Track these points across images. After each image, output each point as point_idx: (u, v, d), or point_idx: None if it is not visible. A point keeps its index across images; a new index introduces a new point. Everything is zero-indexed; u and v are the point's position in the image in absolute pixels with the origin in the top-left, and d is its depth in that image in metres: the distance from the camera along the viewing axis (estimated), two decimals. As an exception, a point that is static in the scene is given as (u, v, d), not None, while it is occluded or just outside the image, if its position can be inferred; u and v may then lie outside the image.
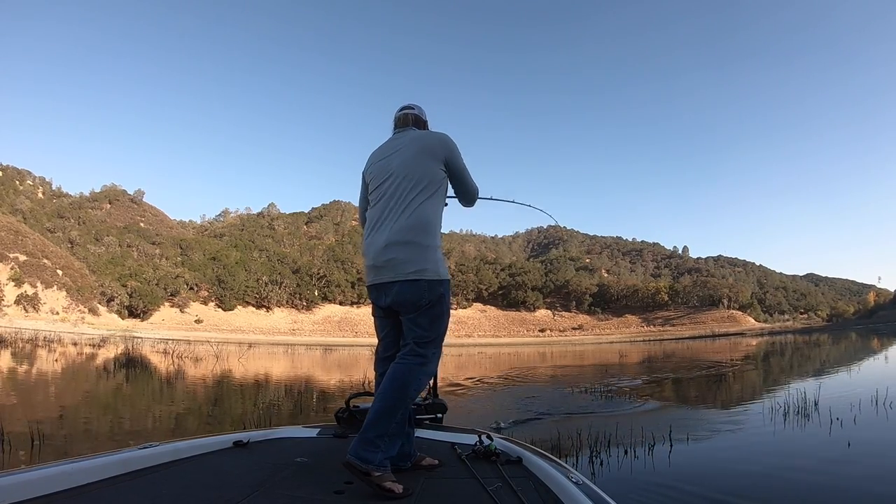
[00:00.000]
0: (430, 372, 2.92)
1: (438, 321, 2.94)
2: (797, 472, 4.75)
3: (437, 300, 2.90)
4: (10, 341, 32.63)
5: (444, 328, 2.98)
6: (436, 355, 2.94)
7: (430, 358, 2.90)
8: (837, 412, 7.56)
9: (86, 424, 7.83)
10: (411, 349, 2.87)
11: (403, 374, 2.80)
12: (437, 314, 2.93)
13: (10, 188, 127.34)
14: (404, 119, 3.34)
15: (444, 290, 2.93)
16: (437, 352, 2.95)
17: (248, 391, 12.69)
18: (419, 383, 2.85)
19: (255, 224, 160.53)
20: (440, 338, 2.97)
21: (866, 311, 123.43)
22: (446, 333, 3.01)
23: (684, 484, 4.47)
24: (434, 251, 2.94)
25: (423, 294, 2.88)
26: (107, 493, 2.38)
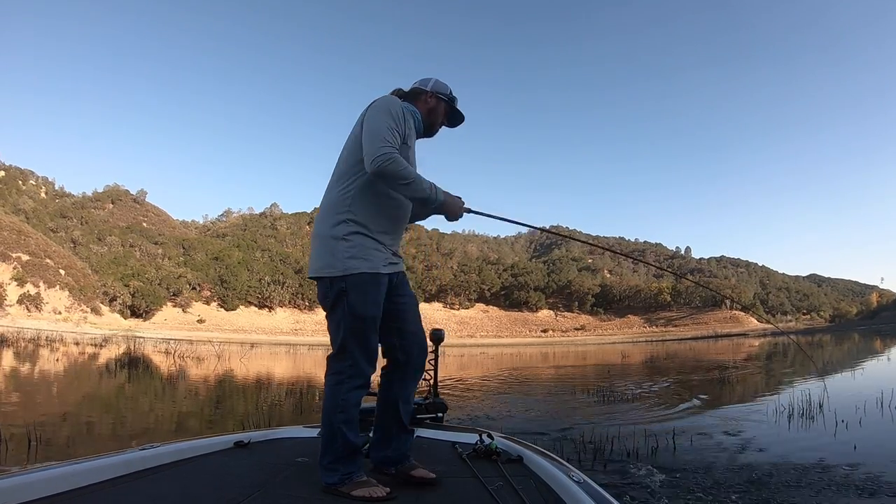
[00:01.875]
0: (347, 392, 2.58)
1: (337, 326, 2.58)
2: (802, 476, 4.71)
3: (335, 300, 2.57)
4: (13, 341, 32.68)
5: (349, 334, 2.55)
6: (352, 369, 2.56)
7: (343, 373, 2.56)
8: (842, 414, 7.52)
9: (87, 426, 7.81)
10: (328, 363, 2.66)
11: (325, 396, 2.63)
12: (337, 318, 2.58)
13: (13, 188, 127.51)
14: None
15: (348, 286, 2.54)
16: (354, 364, 2.56)
17: (250, 391, 12.68)
18: (339, 404, 2.57)
19: (257, 224, 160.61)
20: (348, 347, 2.56)
21: (869, 311, 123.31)
22: (365, 342, 2.59)
23: (689, 486, 4.44)
24: (336, 242, 2.59)
25: (327, 293, 2.62)
26: (108, 494, 2.38)
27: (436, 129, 3.09)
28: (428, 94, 3.04)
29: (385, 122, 2.63)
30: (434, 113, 3.04)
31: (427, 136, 3.10)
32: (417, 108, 2.98)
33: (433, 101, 3.03)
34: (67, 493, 2.30)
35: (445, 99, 3.05)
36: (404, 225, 2.94)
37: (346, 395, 2.58)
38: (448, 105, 3.07)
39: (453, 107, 3.10)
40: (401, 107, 2.76)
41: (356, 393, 2.61)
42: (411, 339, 2.82)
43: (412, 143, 2.88)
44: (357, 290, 2.56)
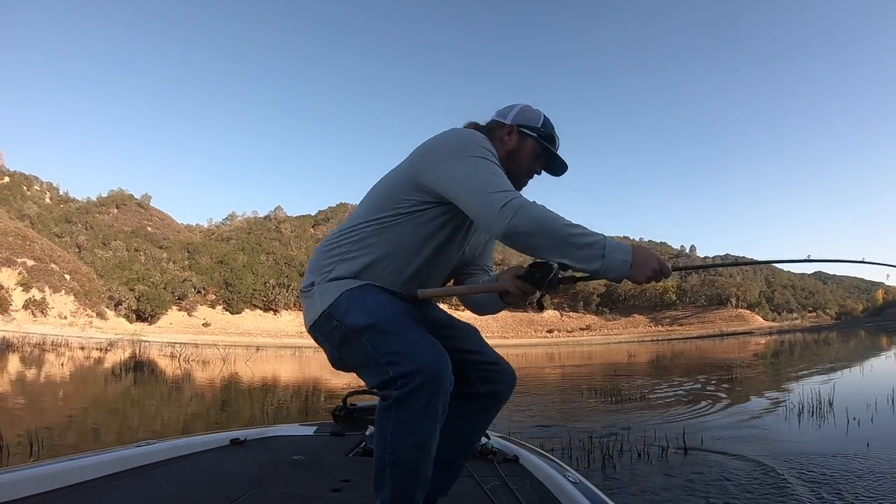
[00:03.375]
0: (403, 419, 1.68)
1: (360, 356, 1.85)
2: (815, 475, 4.65)
3: (335, 331, 1.91)
4: (18, 346, 32.73)
5: (375, 351, 1.77)
6: (405, 384, 1.66)
7: (392, 399, 1.68)
8: (853, 412, 7.45)
9: (93, 429, 7.77)
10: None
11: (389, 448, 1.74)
12: (352, 348, 1.87)
13: (18, 194, 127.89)
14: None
15: (342, 307, 1.89)
16: (404, 376, 1.66)
17: (256, 394, 12.65)
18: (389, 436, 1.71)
19: (262, 227, 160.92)
20: (381, 362, 1.74)
21: (875, 308, 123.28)
22: (400, 340, 1.74)
23: (698, 486, 4.38)
24: (323, 286, 2.02)
25: (329, 335, 2.00)
26: (105, 490, 2.39)
27: (522, 178, 2.18)
28: (507, 130, 2.16)
29: (482, 164, 1.88)
30: (518, 156, 2.14)
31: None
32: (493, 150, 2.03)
33: (515, 140, 2.14)
34: (64, 489, 2.30)
35: (534, 136, 2.14)
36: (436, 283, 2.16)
37: (393, 430, 1.71)
38: (539, 143, 2.15)
39: (547, 146, 2.17)
40: (487, 141, 1.99)
41: (428, 423, 1.70)
42: (493, 367, 2.09)
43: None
44: (353, 303, 1.87)
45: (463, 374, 1.92)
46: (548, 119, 2.19)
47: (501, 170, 1.90)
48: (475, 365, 2.06)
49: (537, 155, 2.16)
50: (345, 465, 3.06)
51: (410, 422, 1.66)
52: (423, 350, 1.70)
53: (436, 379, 1.66)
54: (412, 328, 1.81)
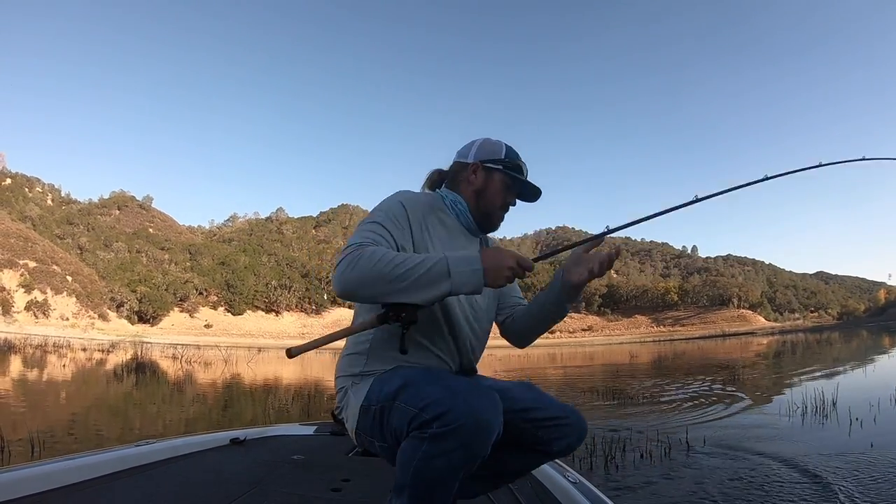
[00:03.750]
0: (433, 454, 1.51)
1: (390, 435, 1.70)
2: (817, 474, 4.63)
3: (367, 416, 1.76)
4: (20, 347, 32.77)
5: (400, 417, 1.61)
6: (435, 431, 1.51)
7: (427, 435, 1.52)
8: (856, 412, 7.43)
9: (94, 431, 7.76)
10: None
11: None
12: (382, 429, 1.73)
13: (20, 195, 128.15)
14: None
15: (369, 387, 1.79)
16: (432, 428, 1.52)
17: (258, 395, 12.63)
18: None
19: (263, 228, 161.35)
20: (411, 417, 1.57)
21: (877, 308, 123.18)
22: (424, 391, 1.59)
23: (703, 486, 4.37)
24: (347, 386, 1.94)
25: (371, 428, 1.81)
26: (104, 489, 2.38)
27: (496, 215, 2.10)
28: (471, 169, 2.07)
29: (361, 226, 1.81)
30: (487, 193, 2.06)
31: (486, 229, 2.13)
32: (460, 195, 2.07)
33: (482, 177, 2.06)
34: (63, 489, 2.30)
35: (500, 168, 2.06)
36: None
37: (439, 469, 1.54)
38: (506, 174, 2.07)
39: (516, 176, 2.08)
40: (401, 201, 1.89)
41: (456, 465, 1.53)
42: (560, 421, 1.92)
43: (443, 246, 1.93)
44: (385, 379, 1.76)
45: (533, 435, 1.88)
46: (510, 148, 2.12)
47: (379, 225, 1.78)
48: (541, 423, 1.89)
49: (507, 187, 2.08)
50: (345, 464, 3.06)
51: (439, 460, 1.52)
52: (463, 394, 1.54)
53: (477, 425, 1.50)
54: (449, 376, 1.70)
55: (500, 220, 2.11)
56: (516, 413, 1.85)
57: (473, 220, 2.06)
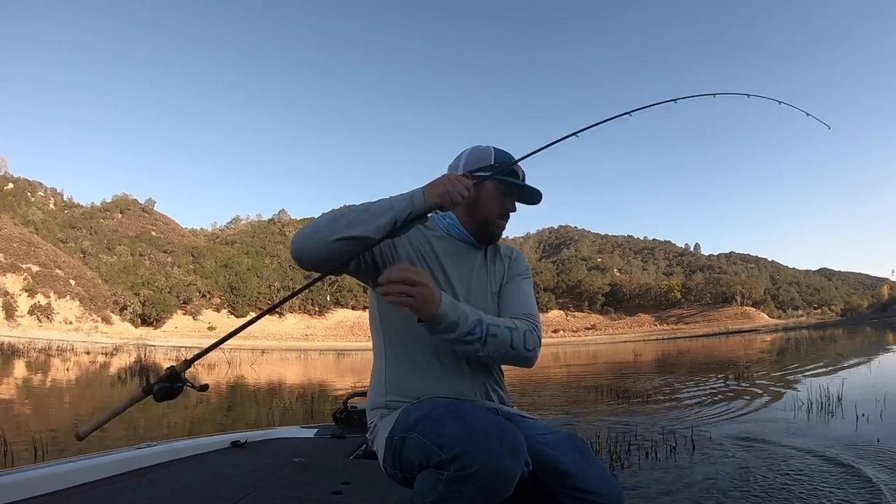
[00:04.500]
0: (447, 498, 1.48)
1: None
2: (823, 471, 4.61)
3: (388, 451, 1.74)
4: (24, 351, 32.82)
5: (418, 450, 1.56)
6: (451, 475, 1.46)
7: (444, 477, 1.48)
8: (862, 408, 7.40)
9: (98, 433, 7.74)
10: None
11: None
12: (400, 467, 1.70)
13: (23, 200, 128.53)
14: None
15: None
16: (449, 471, 1.46)
17: (261, 397, 12.63)
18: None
19: (266, 230, 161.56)
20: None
21: (881, 304, 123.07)
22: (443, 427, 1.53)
23: (708, 484, 4.35)
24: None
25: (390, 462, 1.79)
26: (105, 492, 2.38)
27: (494, 225, 2.00)
28: None
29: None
30: (479, 205, 1.97)
31: (486, 241, 2.03)
32: (452, 210, 1.97)
33: (473, 188, 1.85)
34: (64, 491, 2.29)
35: (488, 174, 1.93)
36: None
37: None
38: (498, 181, 1.97)
39: (509, 181, 1.98)
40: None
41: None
42: (593, 499, 1.64)
43: (426, 262, 1.92)
44: (411, 409, 1.72)
45: (556, 500, 1.67)
46: (501, 151, 2.03)
47: (337, 211, 1.74)
48: (576, 493, 1.65)
49: (503, 193, 1.98)
50: (345, 467, 3.05)
51: (458, 500, 1.46)
52: (483, 435, 1.47)
53: (495, 472, 1.44)
54: (473, 412, 1.59)
55: (500, 228, 2.02)
56: (552, 473, 1.68)
57: (469, 233, 1.99)
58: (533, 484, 1.66)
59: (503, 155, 2.01)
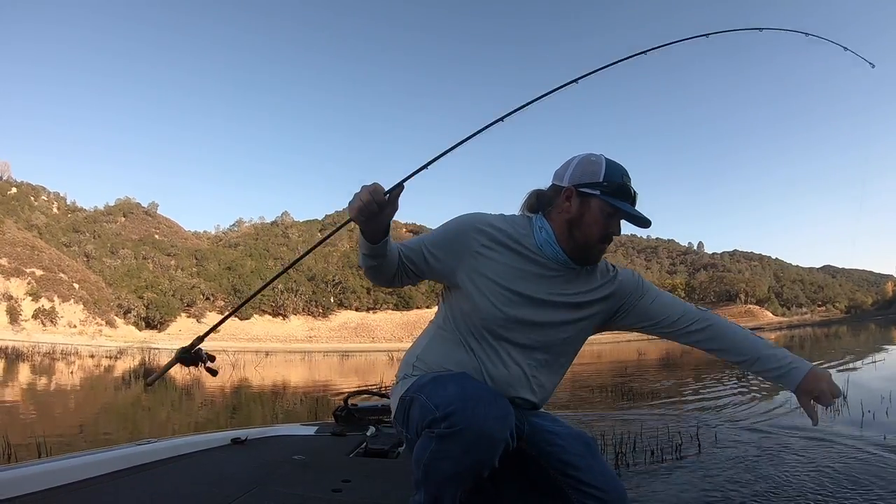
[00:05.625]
0: (440, 455, 1.59)
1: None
2: (830, 469, 4.59)
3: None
4: (28, 356, 32.85)
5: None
6: (441, 431, 1.57)
7: (435, 434, 1.59)
8: (868, 405, 7.37)
9: (103, 436, 7.75)
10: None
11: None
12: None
13: (26, 204, 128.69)
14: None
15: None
16: (440, 427, 1.57)
17: (266, 399, 12.63)
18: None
19: (269, 233, 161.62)
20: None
21: (885, 301, 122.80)
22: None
23: (713, 483, 4.33)
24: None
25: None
26: (106, 488, 2.38)
27: (595, 248, 1.90)
28: (565, 195, 1.88)
29: (426, 235, 1.93)
30: (582, 223, 1.86)
31: (583, 262, 1.92)
32: (551, 223, 1.90)
33: (576, 205, 1.86)
34: (65, 487, 2.30)
35: (597, 193, 1.83)
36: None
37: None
38: (605, 202, 1.84)
39: (618, 205, 1.85)
40: (461, 224, 1.89)
41: (460, 468, 1.58)
42: (594, 492, 1.73)
43: (487, 269, 1.86)
44: (429, 376, 1.83)
45: (565, 494, 1.75)
46: (613, 166, 1.87)
47: (424, 244, 1.87)
48: (578, 485, 1.74)
49: (608, 215, 1.85)
50: (346, 465, 3.06)
51: (446, 462, 1.56)
52: (474, 399, 1.56)
53: (478, 433, 1.52)
54: (474, 382, 1.70)
55: (600, 252, 1.93)
56: (556, 463, 1.78)
57: (564, 252, 1.87)
58: (538, 473, 1.78)
59: (615, 169, 1.87)
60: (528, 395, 1.90)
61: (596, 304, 1.98)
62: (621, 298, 2.02)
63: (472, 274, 1.84)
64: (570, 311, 1.92)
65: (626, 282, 2.03)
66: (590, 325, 2.01)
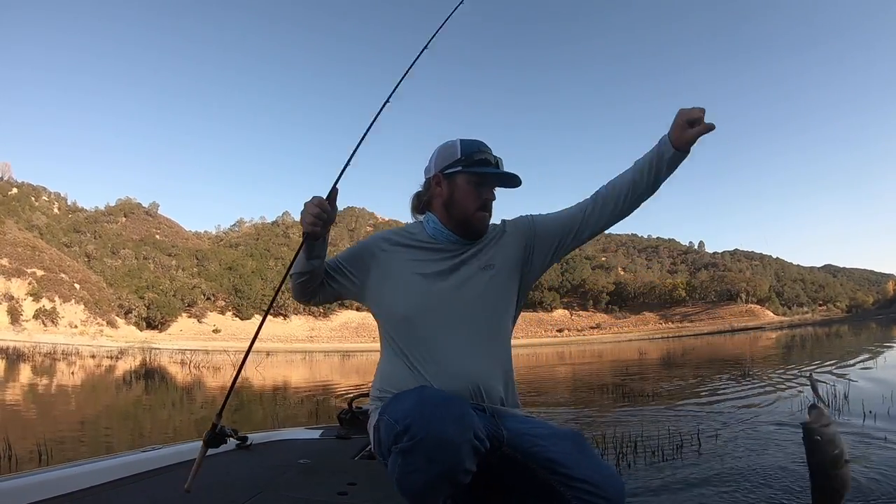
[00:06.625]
0: (405, 470, 1.58)
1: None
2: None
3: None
4: (29, 356, 32.89)
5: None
6: (403, 446, 1.58)
7: (399, 449, 1.59)
8: (869, 405, 7.35)
9: (105, 438, 7.75)
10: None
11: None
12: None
13: (27, 204, 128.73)
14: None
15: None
16: (402, 442, 1.58)
17: (267, 399, 12.63)
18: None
19: (270, 233, 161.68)
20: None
21: (886, 300, 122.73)
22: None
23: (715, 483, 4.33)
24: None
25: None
26: (109, 496, 2.37)
27: (475, 218, 2.00)
28: (434, 182, 2.05)
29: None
30: (454, 200, 2.00)
31: (472, 235, 2.03)
32: (434, 212, 2.06)
33: (445, 187, 2.02)
34: (68, 496, 2.29)
35: (459, 169, 1.99)
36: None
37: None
38: (468, 174, 1.99)
39: (480, 171, 1.99)
40: (367, 240, 2.13)
41: (425, 481, 1.57)
42: (585, 487, 1.67)
43: (390, 269, 2.01)
44: (396, 397, 1.80)
45: (554, 489, 1.71)
46: (468, 142, 2.03)
47: (342, 256, 2.14)
48: (565, 479, 1.70)
49: (476, 185, 1.99)
50: (351, 468, 3.06)
51: (415, 475, 1.56)
52: (428, 406, 1.58)
53: (435, 440, 1.51)
54: (430, 390, 1.73)
55: (481, 220, 2.02)
56: (544, 462, 1.74)
57: (454, 233, 2.02)
58: (527, 476, 1.76)
59: (469, 144, 2.03)
60: (482, 375, 1.91)
61: (496, 255, 2.05)
62: (522, 236, 2.11)
63: (381, 280, 2.01)
64: (475, 273, 2.00)
65: (515, 221, 2.16)
66: (502, 276, 2.05)
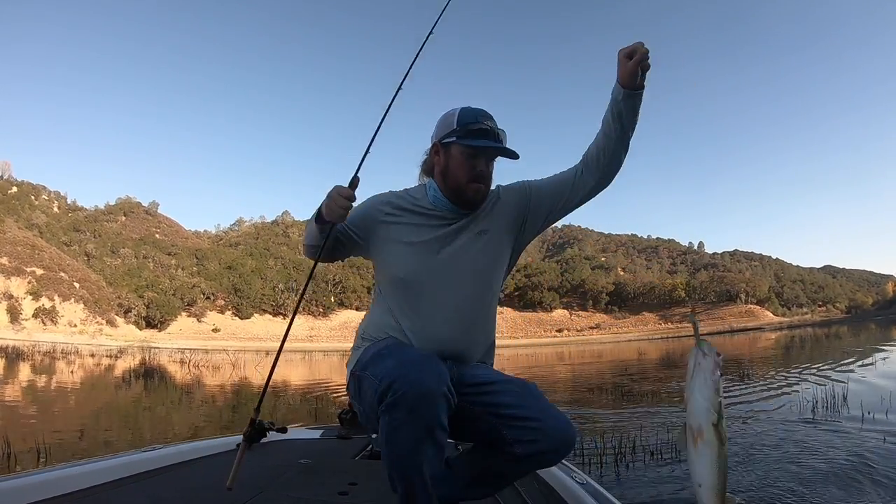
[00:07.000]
0: (391, 427, 1.65)
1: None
2: (830, 469, 4.59)
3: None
4: (29, 355, 32.88)
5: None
6: (387, 402, 1.65)
7: (383, 407, 1.67)
8: (868, 406, 7.38)
9: (104, 437, 7.76)
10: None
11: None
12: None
13: (26, 203, 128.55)
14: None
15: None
16: (386, 398, 1.66)
17: (267, 398, 12.61)
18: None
19: (269, 232, 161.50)
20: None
21: (885, 301, 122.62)
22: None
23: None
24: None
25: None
26: (111, 495, 2.38)
27: (468, 189, 1.97)
28: (433, 151, 2.05)
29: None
30: (449, 171, 1.99)
31: (467, 206, 2.02)
32: (435, 180, 2.07)
33: (442, 156, 2.01)
34: (70, 495, 2.29)
35: (454, 139, 1.96)
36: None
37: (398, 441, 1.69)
38: (461, 145, 1.95)
39: (473, 143, 1.94)
40: (368, 202, 2.13)
41: (410, 432, 1.66)
42: (528, 422, 1.81)
43: (390, 233, 2.03)
44: (372, 349, 1.96)
45: (498, 432, 1.83)
46: (467, 111, 2.00)
47: (348, 218, 2.02)
48: (508, 420, 1.81)
49: (470, 156, 1.96)
50: (351, 468, 3.06)
51: (400, 432, 1.64)
52: (409, 364, 1.68)
53: (418, 393, 1.61)
54: (408, 350, 1.85)
55: (475, 191, 2.00)
56: (487, 406, 1.86)
57: (450, 202, 2.02)
58: (471, 419, 1.87)
59: (468, 113, 2.00)
60: (463, 342, 2.00)
61: (492, 222, 2.07)
62: (516, 203, 2.12)
63: (383, 242, 2.05)
64: (470, 240, 2.03)
65: (509, 187, 2.16)
66: (496, 242, 2.08)
